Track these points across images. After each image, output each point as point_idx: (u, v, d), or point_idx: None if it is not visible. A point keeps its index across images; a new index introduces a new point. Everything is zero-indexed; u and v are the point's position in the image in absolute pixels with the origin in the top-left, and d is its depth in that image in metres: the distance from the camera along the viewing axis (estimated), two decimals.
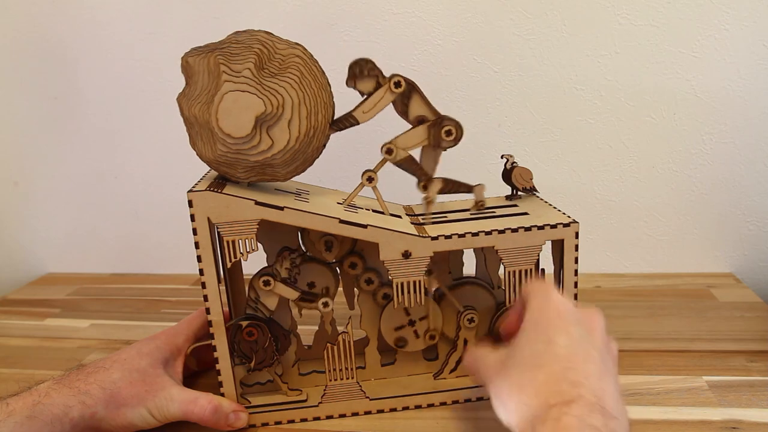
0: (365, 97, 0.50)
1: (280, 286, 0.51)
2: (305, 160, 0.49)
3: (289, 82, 0.46)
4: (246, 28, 0.48)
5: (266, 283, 0.51)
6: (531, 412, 0.37)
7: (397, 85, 0.49)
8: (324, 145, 0.50)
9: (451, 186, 0.53)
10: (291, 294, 0.52)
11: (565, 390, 0.36)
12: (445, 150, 0.52)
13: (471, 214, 0.54)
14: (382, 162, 0.52)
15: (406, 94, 0.50)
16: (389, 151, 0.51)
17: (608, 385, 0.38)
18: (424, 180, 0.52)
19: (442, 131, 0.50)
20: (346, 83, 0.49)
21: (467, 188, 0.54)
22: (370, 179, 0.51)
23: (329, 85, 0.49)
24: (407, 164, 0.52)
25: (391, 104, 0.50)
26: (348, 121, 0.50)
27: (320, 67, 0.49)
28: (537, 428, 0.35)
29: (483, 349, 0.45)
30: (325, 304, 0.53)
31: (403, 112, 0.50)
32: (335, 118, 0.50)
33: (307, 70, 0.47)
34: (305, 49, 0.48)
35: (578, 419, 0.35)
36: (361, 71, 0.49)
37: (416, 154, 0.53)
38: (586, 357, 0.39)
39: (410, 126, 0.51)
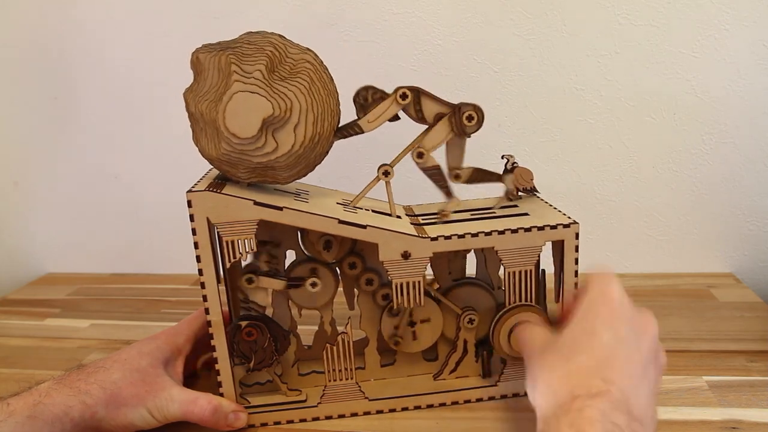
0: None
1: (264, 280, 0.51)
2: (307, 165, 0.49)
3: (298, 87, 0.46)
4: (254, 29, 0.48)
5: (250, 281, 0.51)
6: (555, 399, 0.37)
7: (404, 96, 0.50)
8: (327, 152, 0.50)
9: (482, 175, 0.54)
10: (277, 284, 0.52)
11: (594, 384, 0.36)
12: (469, 136, 0.52)
13: (498, 208, 0.55)
14: (401, 155, 0.52)
15: (415, 101, 0.50)
16: (420, 155, 0.52)
17: (641, 391, 0.37)
18: (454, 175, 0.53)
19: (463, 118, 0.51)
20: (357, 116, 0.50)
21: (497, 177, 0.55)
22: (387, 173, 0.51)
23: (337, 92, 0.49)
24: (436, 174, 0.53)
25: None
26: (353, 129, 0.50)
27: (329, 74, 0.49)
28: (559, 417, 0.35)
29: (538, 327, 0.45)
30: (314, 284, 0.52)
31: (420, 118, 0.51)
32: (340, 125, 0.50)
33: (317, 76, 0.47)
34: (316, 55, 0.48)
35: (601, 413, 0.34)
36: (365, 99, 0.50)
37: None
38: (626, 358, 0.38)
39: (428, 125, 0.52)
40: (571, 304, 0.46)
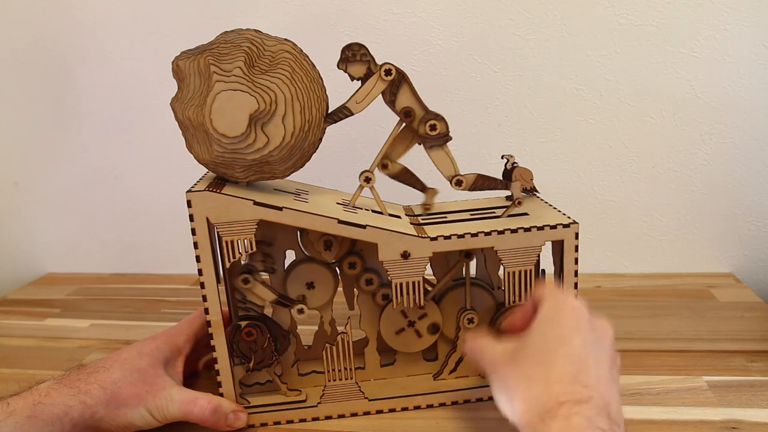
0: (358, 88, 0.50)
1: (258, 287, 0.51)
2: (302, 155, 0.49)
3: (280, 78, 0.46)
4: (251, 29, 0.48)
5: (245, 281, 0.51)
6: (541, 405, 0.37)
7: (388, 72, 0.49)
8: (320, 139, 0.50)
9: (486, 182, 0.54)
10: (268, 296, 0.52)
11: (577, 390, 0.37)
12: (442, 145, 0.52)
13: (506, 216, 0.54)
14: (375, 164, 0.52)
15: (396, 83, 0.50)
16: (385, 166, 0.52)
17: (614, 394, 0.39)
18: (455, 182, 0.53)
19: (426, 126, 0.51)
20: (337, 65, 0.50)
21: (503, 184, 0.54)
22: (368, 179, 0.51)
23: (321, 78, 0.49)
24: (403, 176, 0.53)
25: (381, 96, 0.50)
26: (342, 112, 0.50)
27: (311, 61, 0.49)
28: (547, 422, 0.36)
29: (487, 338, 0.45)
30: (300, 311, 0.52)
31: (391, 102, 0.51)
32: (329, 111, 0.50)
33: (298, 65, 0.47)
34: (294, 44, 0.48)
35: (588, 420, 0.35)
36: (353, 55, 0.49)
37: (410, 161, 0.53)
38: (597, 362, 0.39)
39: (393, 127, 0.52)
40: (519, 317, 0.46)
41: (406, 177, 0.54)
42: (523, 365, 0.40)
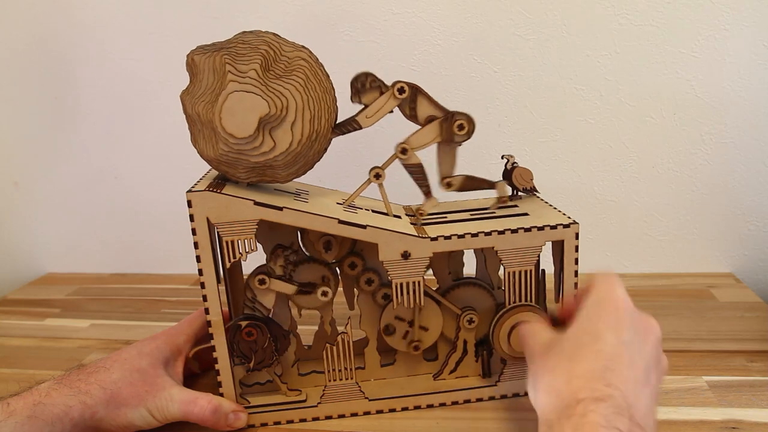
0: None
1: (276, 283, 0.51)
2: (306, 163, 0.49)
3: (294, 84, 0.46)
4: (252, 29, 0.48)
5: (262, 282, 0.51)
6: (558, 401, 0.37)
7: (401, 91, 0.49)
8: (325, 149, 0.50)
9: (474, 183, 0.53)
10: (288, 289, 0.52)
11: (598, 388, 0.36)
12: (459, 145, 0.52)
13: (495, 209, 0.55)
14: (392, 158, 0.51)
15: (411, 98, 0.50)
16: (404, 151, 0.51)
17: (643, 397, 0.37)
18: (445, 183, 0.53)
19: (454, 126, 0.50)
20: (351, 100, 0.50)
21: (489, 184, 0.54)
22: (378, 176, 0.51)
23: (333, 89, 0.49)
24: (417, 172, 0.52)
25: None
26: (351, 125, 0.50)
27: (325, 70, 0.49)
28: (563, 421, 0.35)
29: (540, 326, 0.45)
30: (324, 293, 0.52)
31: (412, 116, 0.51)
32: (338, 122, 0.50)
33: (312, 73, 0.47)
34: (311, 52, 0.48)
35: (604, 418, 0.34)
36: (363, 85, 0.49)
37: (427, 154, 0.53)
38: (629, 362, 0.38)
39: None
40: (572, 304, 0.46)
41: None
42: (553, 357, 0.40)
